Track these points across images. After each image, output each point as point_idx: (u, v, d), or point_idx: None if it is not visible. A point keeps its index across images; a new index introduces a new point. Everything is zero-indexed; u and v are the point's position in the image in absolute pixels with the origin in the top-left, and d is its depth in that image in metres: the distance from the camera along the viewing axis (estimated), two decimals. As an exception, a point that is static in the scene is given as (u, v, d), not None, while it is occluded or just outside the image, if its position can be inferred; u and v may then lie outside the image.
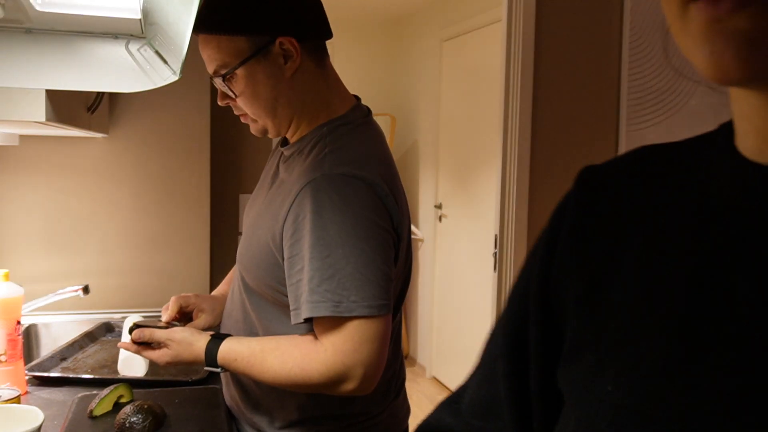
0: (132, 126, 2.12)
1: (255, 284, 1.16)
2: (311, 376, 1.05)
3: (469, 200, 4.00)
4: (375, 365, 1.05)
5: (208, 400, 1.37)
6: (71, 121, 1.42)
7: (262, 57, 1.09)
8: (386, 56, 5.13)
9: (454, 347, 4.19)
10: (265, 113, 1.15)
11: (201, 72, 2.15)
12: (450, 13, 4.21)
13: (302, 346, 1.07)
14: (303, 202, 1.04)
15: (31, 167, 2.04)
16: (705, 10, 0.35)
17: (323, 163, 1.08)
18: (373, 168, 1.09)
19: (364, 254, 1.02)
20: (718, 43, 0.35)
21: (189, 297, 1.32)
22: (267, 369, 1.08)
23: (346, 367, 1.03)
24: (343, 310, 1.02)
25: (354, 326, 1.03)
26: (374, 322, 1.04)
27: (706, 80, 0.36)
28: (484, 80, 3.78)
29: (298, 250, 1.05)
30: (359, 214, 1.04)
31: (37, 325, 1.93)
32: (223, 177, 2.41)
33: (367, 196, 1.06)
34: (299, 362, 1.06)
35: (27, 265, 2.04)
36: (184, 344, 1.14)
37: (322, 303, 1.02)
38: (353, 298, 1.02)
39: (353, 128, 1.16)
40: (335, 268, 1.01)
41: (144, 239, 2.14)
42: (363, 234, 1.03)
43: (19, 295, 1.37)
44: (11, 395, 1.19)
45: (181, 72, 1.09)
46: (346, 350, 1.03)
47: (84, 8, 0.96)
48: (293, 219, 1.05)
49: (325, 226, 1.02)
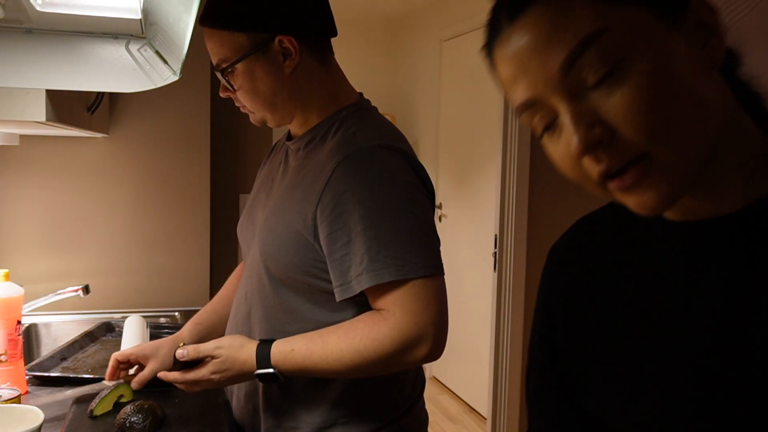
0: (132, 126, 2.12)
1: (284, 273, 1.12)
2: (383, 345, 1.02)
3: (469, 200, 4.00)
4: (443, 325, 1.05)
5: (208, 400, 1.37)
6: (71, 121, 1.42)
7: (261, 54, 1.10)
8: (386, 56, 5.13)
9: (454, 347, 4.18)
10: (264, 107, 1.16)
11: (201, 72, 2.16)
12: (450, 13, 4.21)
13: (366, 320, 1.05)
14: (342, 176, 1.05)
15: (31, 167, 2.04)
16: (619, 185, 0.52)
17: (356, 138, 1.09)
18: (404, 142, 1.14)
19: (416, 219, 1.05)
20: (635, 199, 0.53)
21: (125, 354, 1.25)
22: (331, 351, 1.04)
23: (419, 327, 1.02)
24: (407, 272, 1.02)
25: (419, 286, 1.02)
26: (436, 281, 1.04)
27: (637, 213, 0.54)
28: (484, 80, 3.78)
29: (342, 224, 1.04)
30: (403, 181, 1.06)
31: (37, 325, 1.93)
32: (223, 177, 2.40)
33: (407, 166, 1.08)
34: (367, 333, 1.03)
35: (27, 265, 2.04)
36: (234, 347, 1.10)
37: (385, 269, 1.01)
38: (414, 260, 1.02)
39: (371, 113, 1.19)
40: (391, 233, 1.02)
41: (144, 239, 2.14)
42: (411, 198, 1.05)
43: (19, 295, 1.37)
44: (11, 395, 1.19)
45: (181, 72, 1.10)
46: (416, 310, 1.02)
47: (84, 8, 0.96)
48: (332, 195, 1.05)
49: (373, 196, 1.03)
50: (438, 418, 3.83)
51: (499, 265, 2.66)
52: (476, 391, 3.88)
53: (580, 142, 0.50)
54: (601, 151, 0.51)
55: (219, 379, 1.11)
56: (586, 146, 0.50)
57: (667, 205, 0.53)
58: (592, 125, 0.50)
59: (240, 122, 2.38)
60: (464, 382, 4.06)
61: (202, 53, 1.19)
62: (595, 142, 0.50)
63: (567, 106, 0.51)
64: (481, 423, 3.76)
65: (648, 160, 0.50)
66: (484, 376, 3.56)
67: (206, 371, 1.11)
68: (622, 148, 0.50)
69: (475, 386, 3.88)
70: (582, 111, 0.51)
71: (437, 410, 3.94)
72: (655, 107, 0.49)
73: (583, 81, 0.50)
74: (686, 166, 0.52)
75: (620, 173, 0.51)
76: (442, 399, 4.13)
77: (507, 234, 2.63)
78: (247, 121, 1.24)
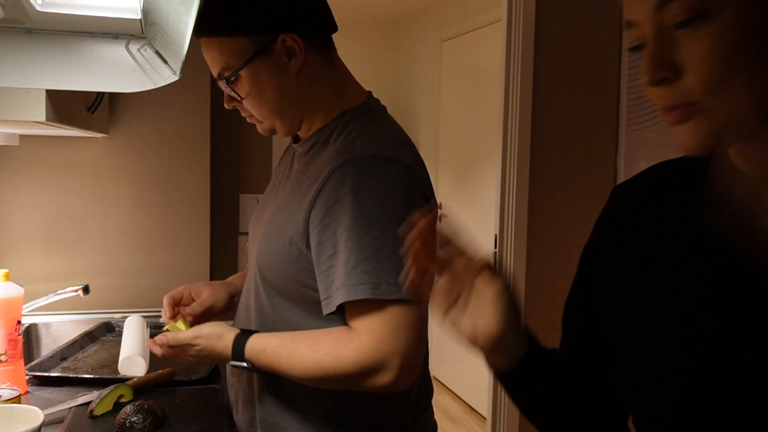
0: (132, 126, 2.12)
1: (279, 282, 1.10)
2: (344, 365, 0.98)
3: (469, 200, 4.00)
4: (413, 356, 0.98)
5: (208, 400, 1.37)
6: (71, 121, 1.42)
7: (265, 56, 1.07)
8: (386, 56, 5.13)
9: (454, 347, 4.18)
10: (272, 113, 1.12)
11: (201, 72, 2.16)
12: (450, 13, 4.21)
13: (335, 334, 1.01)
14: (334, 185, 1.00)
15: (31, 167, 2.04)
16: (668, 118, 0.59)
17: (353, 146, 1.04)
18: (405, 150, 1.07)
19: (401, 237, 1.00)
20: (678, 135, 0.60)
21: (179, 290, 1.26)
22: (297, 359, 1.01)
23: (382, 354, 0.96)
24: (381, 292, 0.96)
25: (392, 311, 0.97)
26: (413, 308, 0.98)
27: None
28: (484, 80, 3.78)
29: (330, 235, 1.00)
30: (395, 195, 1.00)
31: (37, 325, 1.93)
32: (223, 177, 2.40)
33: (402, 177, 1.02)
34: (332, 349, 0.99)
35: (27, 265, 2.04)
36: (212, 337, 1.09)
37: (359, 286, 0.96)
38: (392, 280, 0.96)
39: (376, 115, 1.14)
40: (372, 249, 0.96)
41: (144, 239, 2.14)
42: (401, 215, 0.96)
43: (19, 295, 1.37)
44: (11, 395, 1.19)
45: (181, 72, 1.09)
46: (383, 336, 0.96)
47: (84, 8, 0.96)
48: (323, 203, 1.01)
49: (360, 207, 0.98)
50: (438, 418, 3.83)
51: (499, 265, 2.66)
52: (476, 391, 3.88)
53: (648, 76, 0.58)
54: (665, 86, 0.58)
55: (199, 362, 1.13)
56: (652, 81, 0.58)
57: (705, 149, 0.58)
58: (663, 64, 0.57)
59: (240, 122, 2.37)
60: (464, 382, 4.06)
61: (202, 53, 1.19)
62: (661, 78, 0.57)
63: (652, 39, 0.58)
64: (481, 423, 3.76)
65: (698, 106, 0.57)
66: (484, 376, 3.56)
67: (186, 355, 1.12)
68: (681, 90, 0.57)
69: (475, 386, 3.88)
70: (660, 48, 0.58)
71: (437, 410, 3.94)
72: (722, 64, 0.55)
73: (671, 20, 0.57)
74: (732, 122, 0.57)
75: (673, 109, 0.58)
76: (442, 399, 4.13)
77: (507, 234, 2.62)
78: (247, 121, 1.23)
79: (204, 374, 1.50)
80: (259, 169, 2.44)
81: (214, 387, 1.45)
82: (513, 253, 2.61)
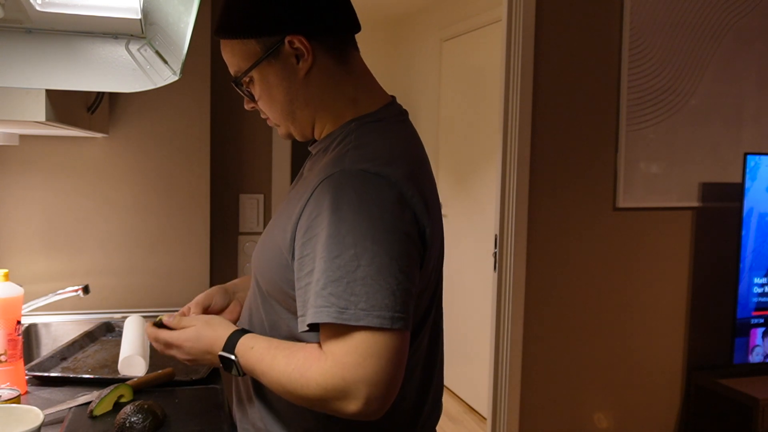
0: (132, 126, 2.12)
1: (269, 288, 1.08)
2: (309, 385, 0.94)
3: (469, 200, 4.00)
4: (383, 386, 0.92)
5: (208, 400, 1.37)
6: (71, 121, 1.42)
7: (273, 58, 1.05)
8: (386, 56, 5.13)
9: (454, 347, 4.18)
10: (283, 116, 1.10)
11: (201, 72, 2.16)
12: (450, 13, 4.21)
13: (307, 351, 0.98)
14: (318, 198, 0.96)
15: (31, 167, 2.04)
16: None
17: (344, 159, 1.00)
18: (400, 167, 1.00)
19: (378, 259, 0.91)
20: None
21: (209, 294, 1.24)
22: (274, 367, 0.99)
23: (346, 382, 0.91)
24: (348, 317, 0.91)
25: (360, 338, 0.91)
26: (385, 336, 0.92)
27: None
28: (484, 80, 3.78)
29: (310, 251, 0.96)
30: (377, 215, 0.94)
31: (37, 325, 1.93)
32: (223, 177, 2.40)
33: (388, 196, 0.96)
34: (300, 367, 0.96)
35: (27, 265, 2.04)
36: (212, 324, 1.08)
37: (325, 308, 0.92)
38: (362, 305, 0.91)
39: (384, 126, 1.08)
40: (344, 271, 0.91)
41: (144, 239, 2.14)
42: (380, 237, 0.92)
43: (19, 295, 1.37)
44: (11, 395, 1.19)
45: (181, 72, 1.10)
46: (347, 363, 0.91)
47: (84, 8, 0.96)
48: (307, 217, 0.97)
49: (338, 225, 0.93)
50: (438, 418, 3.83)
51: (499, 265, 2.66)
52: (476, 391, 3.88)
53: None
54: None
55: (189, 347, 1.08)
56: None
57: None
58: None
59: (240, 122, 2.38)
60: (464, 382, 4.06)
61: (202, 53, 1.19)
62: None
63: None
64: (481, 423, 3.76)
65: None
66: (484, 376, 3.56)
67: (180, 335, 1.09)
68: None
69: (475, 386, 3.88)
70: None
71: (437, 410, 3.94)
72: None
73: None
74: None
75: None
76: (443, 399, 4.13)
77: (507, 234, 2.62)
78: (247, 121, 1.23)
79: (204, 374, 1.50)
80: (259, 169, 2.44)
81: (214, 387, 1.45)
82: (513, 253, 2.61)
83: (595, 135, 2.68)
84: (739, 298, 2.70)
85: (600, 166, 2.69)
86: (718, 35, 2.79)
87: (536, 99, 2.60)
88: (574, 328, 2.73)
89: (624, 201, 2.70)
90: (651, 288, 2.80)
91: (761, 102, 2.88)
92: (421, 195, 1.00)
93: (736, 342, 2.71)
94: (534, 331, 2.68)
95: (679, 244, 2.83)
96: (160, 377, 1.45)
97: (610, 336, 2.77)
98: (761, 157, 2.68)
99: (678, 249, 2.83)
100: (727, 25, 2.80)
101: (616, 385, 2.80)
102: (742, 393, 2.60)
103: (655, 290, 2.81)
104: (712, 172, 2.83)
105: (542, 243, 2.64)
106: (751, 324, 2.73)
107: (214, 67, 2.14)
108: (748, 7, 2.83)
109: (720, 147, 2.83)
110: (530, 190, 2.61)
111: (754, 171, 2.67)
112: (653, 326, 2.82)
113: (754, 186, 2.69)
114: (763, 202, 2.71)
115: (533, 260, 2.64)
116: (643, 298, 2.80)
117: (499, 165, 2.64)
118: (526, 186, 2.60)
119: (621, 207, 2.70)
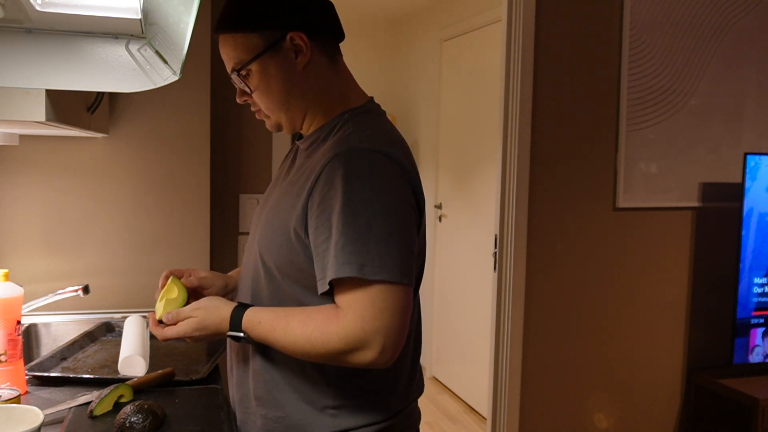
0: (132, 126, 2.12)
1: (279, 263, 1.15)
2: (330, 340, 1.04)
3: (469, 200, 4.00)
4: (395, 336, 1.04)
5: (208, 400, 1.37)
6: (71, 121, 1.42)
7: (274, 52, 1.15)
8: (386, 56, 5.13)
9: (454, 347, 4.19)
10: (278, 107, 1.20)
11: (201, 72, 2.16)
12: (450, 13, 4.21)
13: (325, 311, 1.08)
14: (330, 173, 1.07)
15: (31, 167, 2.04)
16: None
17: (349, 140, 1.12)
18: (398, 148, 1.14)
19: (387, 224, 1.05)
20: None
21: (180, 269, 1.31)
22: (290, 332, 1.08)
23: (365, 333, 1.03)
24: (367, 272, 1.02)
25: (377, 291, 1.03)
26: (398, 291, 1.04)
27: None
28: (484, 80, 3.78)
29: (325, 219, 1.06)
30: (385, 187, 1.07)
31: (37, 325, 1.93)
32: (223, 177, 2.41)
33: (392, 171, 1.09)
34: (320, 325, 1.06)
35: (27, 265, 2.04)
36: (210, 309, 1.15)
37: (346, 265, 1.03)
38: (377, 262, 1.03)
39: (373, 116, 1.21)
40: (359, 233, 1.03)
41: (144, 239, 2.14)
42: (388, 206, 1.06)
43: (19, 295, 1.37)
44: (11, 395, 1.19)
45: (181, 72, 1.10)
46: (367, 316, 1.03)
47: (84, 8, 0.96)
48: (319, 191, 1.08)
49: (352, 194, 1.05)
50: (438, 418, 3.83)
51: (499, 265, 2.66)
52: (476, 391, 3.88)
53: None
54: None
55: (198, 336, 1.16)
56: None
57: None
58: None
59: (240, 122, 2.38)
60: (464, 382, 4.06)
61: (202, 53, 1.19)
62: None
63: None
64: (481, 423, 3.76)
65: None
66: (484, 376, 3.56)
67: (186, 328, 1.15)
68: None
69: (475, 386, 3.88)
70: None
71: (437, 410, 3.94)
72: None
73: None
74: None
75: None
76: (442, 399, 4.13)
77: (507, 234, 2.62)
78: (247, 121, 1.25)
79: (204, 374, 1.50)
80: (259, 169, 2.44)
81: (214, 387, 1.45)
82: (513, 253, 2.61)
83: (595, 135, 2.68)
84: (739, 298, 2.70)
85: (600, 166, 2.69)
86: (718, 35, 2.79)
87: (536, 99, 2.60)
88: (574, 328, 2.73)
89: (624, 201, 2.70)
90: (651, 288, 2.80)
91: (761, 102, 2.88)
92: (415, 172, 1.16)
93: (736, 342, 2.71)
94: (534, 331, 2.68)
95: (679, 244, 2.83)
96: (160, 377, 1.45)
97: (610, 336, 2.77)
98: (761, 157, 2.68)
99: (678, 249, 2.83)
100: (727, 25, 2.80)
101: (616, 385, 2.80)
102: (742, 393, 2.60)
103: (655, 290, 2.81)
104: (712, 172, 2.83)
105: (542, 243, 2.64)
106: (751, 324, 2.73)
107: (214, 67, 2.14)
108: (748, 6, 2.83)
109: (720, 147, 2.83)
110: (530, 190, 2.61)
111: (754, 171, 2.67)
112: (653, 326, 2.82)
113: (754, 186, 2.69)
114: (763, 202, 2.71)
115: (533, 260, 2.64)
116: (643, 298, 2.80)
117: (499, 165, 2.64)
118: (526, 186, 2.60)
119: (621, 207, 2.70)
